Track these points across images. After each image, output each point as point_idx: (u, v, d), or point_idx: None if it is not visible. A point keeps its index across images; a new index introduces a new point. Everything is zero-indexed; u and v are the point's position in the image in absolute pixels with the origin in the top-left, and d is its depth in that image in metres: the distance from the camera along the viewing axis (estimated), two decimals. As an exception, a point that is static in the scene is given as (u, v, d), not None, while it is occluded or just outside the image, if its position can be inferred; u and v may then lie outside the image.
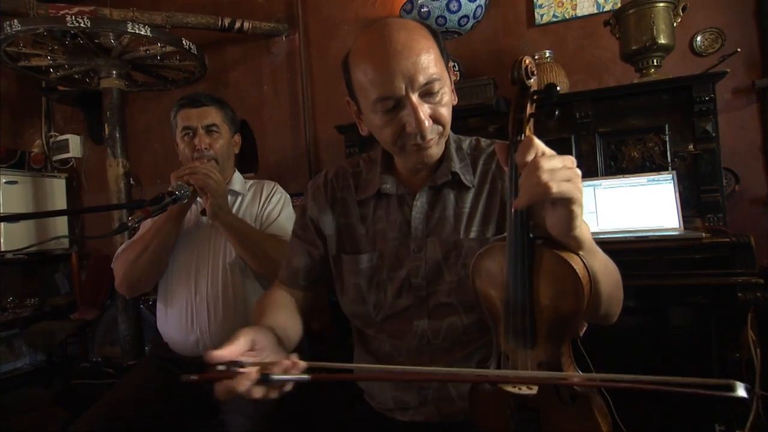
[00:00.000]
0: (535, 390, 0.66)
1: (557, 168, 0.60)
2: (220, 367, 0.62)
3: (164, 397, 1.27)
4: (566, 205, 0.61)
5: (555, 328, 0.69)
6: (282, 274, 1.05)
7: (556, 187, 0.59)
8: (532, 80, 0.69)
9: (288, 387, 0.67)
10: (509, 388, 0.67)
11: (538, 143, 0.64)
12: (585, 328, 0.73)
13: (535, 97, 0.70)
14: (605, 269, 0.72)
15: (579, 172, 0.63)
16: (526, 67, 0.68)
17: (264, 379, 0.62)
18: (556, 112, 0.70)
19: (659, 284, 1.49)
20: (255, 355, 0.68)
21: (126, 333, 2.42)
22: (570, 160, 0.63)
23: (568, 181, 0.60)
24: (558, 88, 0.70)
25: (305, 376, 0.64)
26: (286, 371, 0.64)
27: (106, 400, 1.24)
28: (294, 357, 0.67)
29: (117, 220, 2.42)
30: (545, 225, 0.67)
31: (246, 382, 0.61)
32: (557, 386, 0.69)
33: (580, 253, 0.67)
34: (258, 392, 0.63)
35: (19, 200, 3.20)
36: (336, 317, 1.86)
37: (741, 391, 0.52)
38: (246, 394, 0.62)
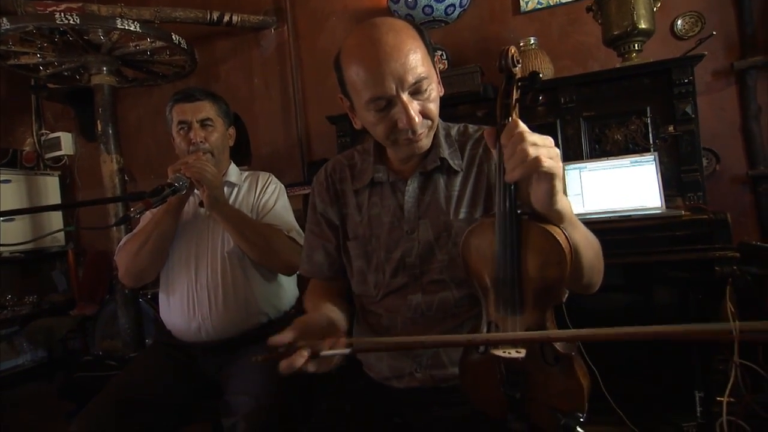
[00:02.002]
0: (523, 353, 0.71)
1: (541, 144, 0.67)
2: (281, 349, 0.73)
3: (170, 380, 1.32)
4: (549, 180, 0.68)
5: (541, 296, 0.75)
6: (307, 269, 1.13)
7: (546, 162, 0.65)
8: (517, 68, 0.74)
9: (337, 360, 0.79)
10: (499, 353, 0.72)
11: (523, 126, 0.69)
12: (566, 295, 0.78)
13: (520, 83, 0.75)
14: (585, 240, 0.78)
15: (558, 151, 0.69)
16: (512, 56, 0.73)
17: (315, 355, 0.73)
18: (540, 98, 0.76)
19: (642, 261, 1.56)
20: (309, 337, 0.77)
21: (126, 326, 2.45)
22: (550, 140, 0.69)
23: (551, 158, 0.67)
24: (540, 75, 0.76)
25: (346, 350, 0.75)
26: (332, 347, 0.74)
27: (113, 384, 1.28)
28: (338, 335, 0.78)
29: (113, 216, 2.45)
30: (529, 201, 0.73)
31: (300, 359, 0.71)
32: (542, 349, 0.75)
33: (562, 225, 0.73)
34: (312, 366, 0.74)
35: (13, 199, 3.21)
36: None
37: None
38: (303, 369, 0.73)
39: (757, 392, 1.55)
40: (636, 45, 1.86)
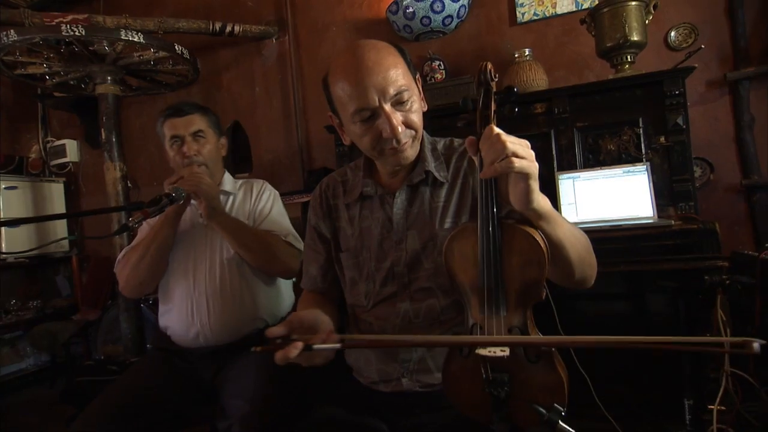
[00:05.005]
0: (507, 352, 0.74)
1: (516, 143, 0.71)
2: (278, 341, 0.78)
3: (167, 385, 1.35)
4: (524, 180, 0.71)
5: (523, 295, 0.78)
6: (303, 281, 1.19)
7: (518, 161, 0.69)
8: (494, 82, 0.79)
9: (326, 355, 0.82)
10: (484, 352, 0.74)
11: (497, 129, 0.73)
12: (545, 293, 0.81)
13: (496, 96, 0.80)
14: (572, 236, 0.82)
15: (533, 153, 0.72)
16: (489, 71, 0.79)
17: (307, 348, 0.76)
18: (516, 110, 0.81)
19: (634, 269, 1.58)
20: (302, 332, 0.81)
21: (128, 332, 2.50)
22: (526, 143, 0.73)
23: (525, 157, 0.70)
24: (515, 90, 0.80)
25: (336, 345, 0.79)
26: (323, 342, 0.78)
27: (112, 389, 1.31)
28: (329, 332, 0.82)
29: (116, 222, 2.49)
30: (508, 202, 0.77)
31: (294, 350, 0.75)
32: (524, 347, 0.78)
33: (542, 223, 0.76)
34: (303, 359, 0.78)
35: (19, 205, 3.27)
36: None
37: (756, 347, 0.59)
38: (297, 360, 0.77)
39: (747, 401, 1.57)
40: (628, 57, 1.89)
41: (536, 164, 0.72)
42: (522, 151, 0.70)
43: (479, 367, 0.79)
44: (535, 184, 0.72)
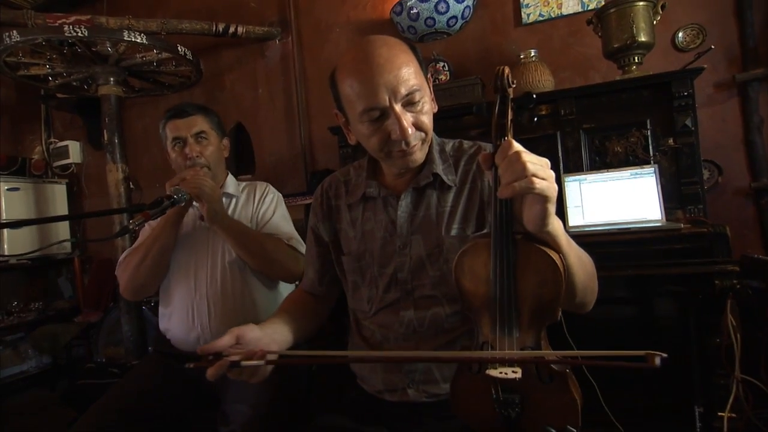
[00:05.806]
0: (519, 373, 0.70)
1: (537, 164, 0.67)
2: (210, 357, 0.79)
3: (168, 389, 1.33)
4: (542, 202, 0.68)
5: (537, 315, 0.74)
6: (303, 282, 1.18)
7: (538, 183, 0.65)
8: (511, 88, 0.74)
9: (262, 371, 0.83)
10: (494, 374, 0.71)
11: (517, 145, 0.69)
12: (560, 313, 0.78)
13: (514, 104, 0.75)
14: (579, 261, 0.78)
15: (553, 174, 0.68)
16: (507, 76, 0.74)
17: (233, 365, 0.78)
18: (535, 119, 0.76)
19: (642, 274, 1.55)
20: (240, 347, 0.83)
21: (129, 334, 2.48)
22: (546, 162, 0.69)
23: (545, 179, 0.66)
24: (534, 96, 0.76)
25: (261, 362, 0.80)
26: (252, 359, 0.79)
27: (112, 393, 1.29)
28: (266, 349, 0.84)
29: (118, 224, 2.48)
30: (522, 222, 0.73)
31: (221, 367, 0.77)
32: (537, 368, 0.74)
33: (553, 247, 0.73)
34: (233, 375, 0.80)
35: (21, 206, 3.26)
36: (332, 315, 1.92)
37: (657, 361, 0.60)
38: (231, 376, 0.79)
39: (758, 408, 1.54)
40: (636, 58, 1.86)
41: (555, 186, 0.68)
42: (543, 173, 0.66)
43: (489, 386, 0.76)
44: (552, 207, 0.69)
